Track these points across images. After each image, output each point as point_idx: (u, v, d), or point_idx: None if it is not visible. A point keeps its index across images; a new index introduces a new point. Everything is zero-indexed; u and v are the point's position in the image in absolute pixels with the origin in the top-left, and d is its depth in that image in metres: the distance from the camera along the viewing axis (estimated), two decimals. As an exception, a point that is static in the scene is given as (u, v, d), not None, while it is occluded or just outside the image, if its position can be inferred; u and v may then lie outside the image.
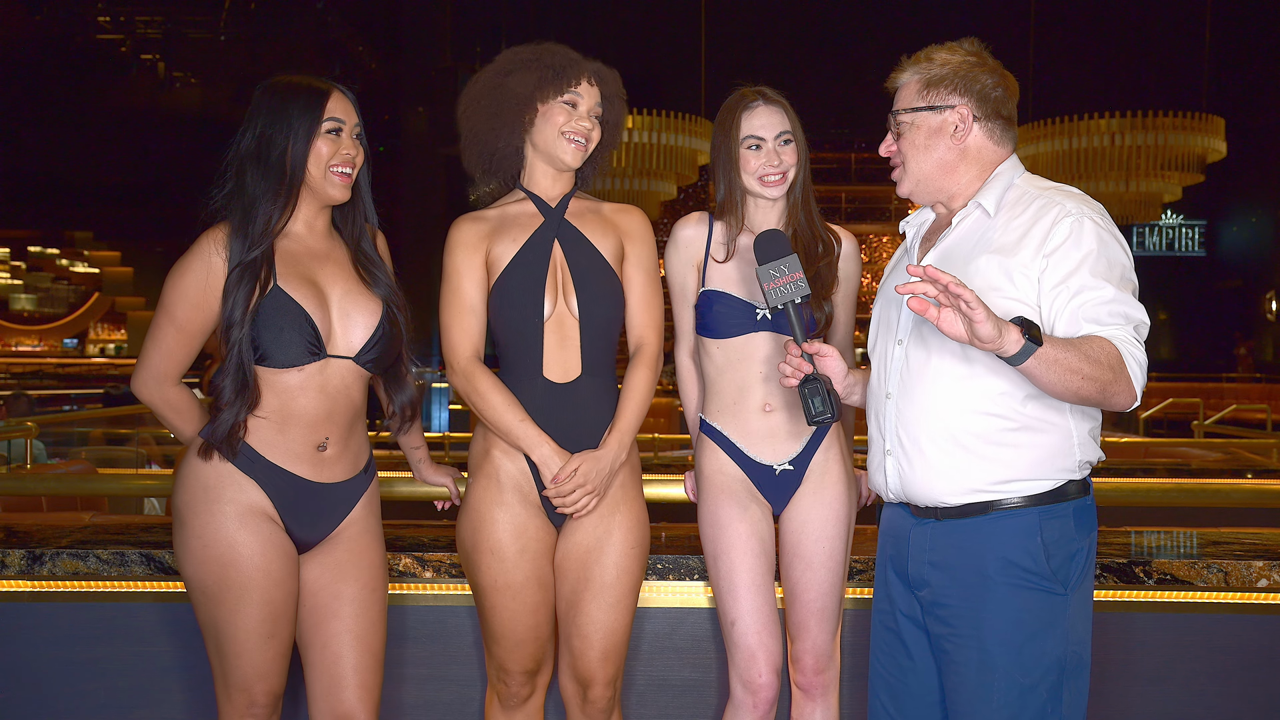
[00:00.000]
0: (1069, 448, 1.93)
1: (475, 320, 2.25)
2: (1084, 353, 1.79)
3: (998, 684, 1.90)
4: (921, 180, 2.05)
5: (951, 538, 1.96)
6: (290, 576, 2.11)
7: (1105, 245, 1.87)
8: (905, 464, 2.00)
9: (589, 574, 2.23)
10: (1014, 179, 2.02)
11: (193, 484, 2.10)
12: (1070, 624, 1.91)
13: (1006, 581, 1.90)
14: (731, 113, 2.35)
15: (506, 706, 2.33)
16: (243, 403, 2.05)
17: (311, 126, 2.09)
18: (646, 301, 2.32)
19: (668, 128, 9.97)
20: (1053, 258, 1.86)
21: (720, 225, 2.40)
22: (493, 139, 2.27)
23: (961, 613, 1.93)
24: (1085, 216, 1.89)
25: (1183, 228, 19.06)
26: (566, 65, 2.23)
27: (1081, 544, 1.93)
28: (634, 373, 2.29)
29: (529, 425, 2.20)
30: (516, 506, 2.24)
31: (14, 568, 2.54)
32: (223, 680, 2.12)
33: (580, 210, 2.32)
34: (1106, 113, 9.95)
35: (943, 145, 2.01)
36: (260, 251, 2.07)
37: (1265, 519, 3.89)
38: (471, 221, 2.29)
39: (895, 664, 2.08)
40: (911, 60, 2.06)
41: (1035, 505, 1.91)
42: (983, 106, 2.00)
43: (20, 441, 5.64)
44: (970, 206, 2.01)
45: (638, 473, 2.34)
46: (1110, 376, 1.80)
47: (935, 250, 2.04)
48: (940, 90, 2.00)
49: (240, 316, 2.04)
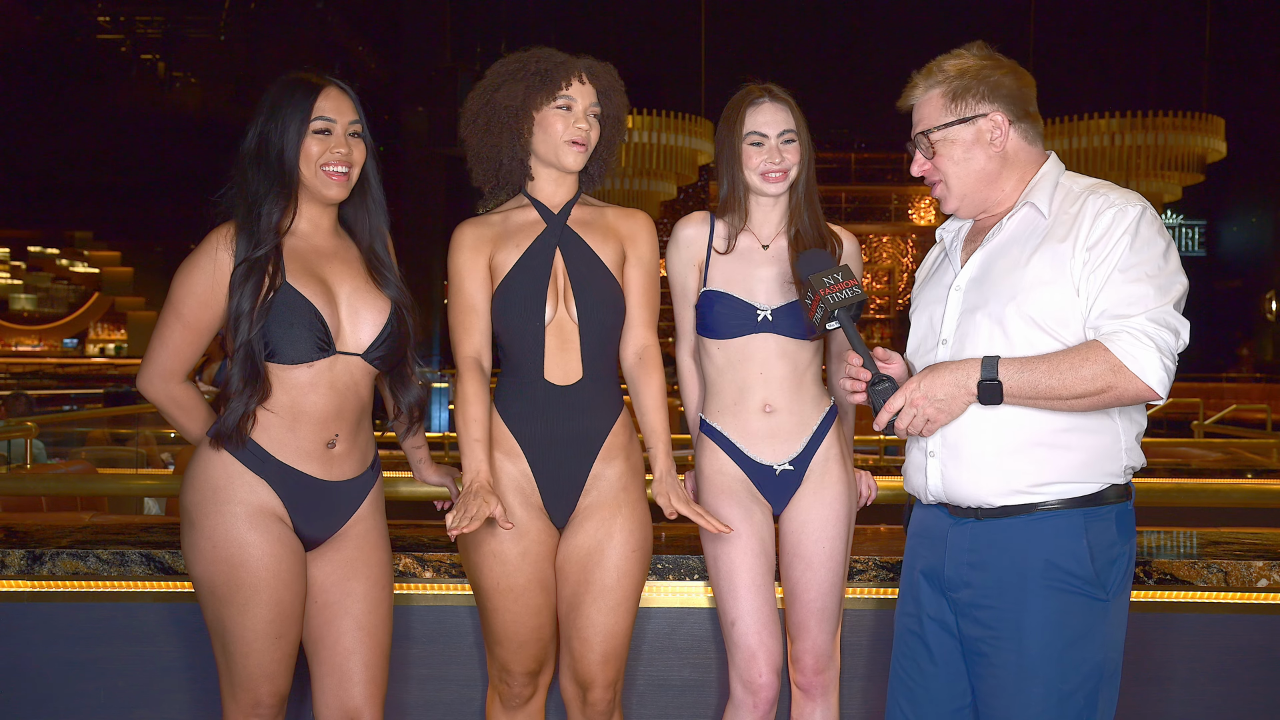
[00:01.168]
0: (1117, 451, 1.90)
1: (478, 319, 2.25)
2: (1064, 379, 1.79)
3: (1036, 689, 1.85)
4: (967, 195, 2.01)
5: (993, 537, 1.91)
6: (299, 577, 2.11)
7: (1139, 238, 1.83)
8: (951, 466, 1.95)
9: (589, 577, 2.23)
10: (1059, 178, 1.98)
11: (201, 484, 2.09)
12: (1110, 631, 1.88)
13: (1049, 584, 1.86)
14: (736, 109, 2.35)
15: (508, 707, 2.33)
16: (252, 392, 2.04)
17: (301, 125, 2.08)
18: (646, 304, 2.32)
19: (668, 128, 9.97)
20: (1094, 250, 1.84)
21: (722, 224, 2.40)
22: (494, 154, 2.27)
23: (1001, 614, 1.89)
24: (1129, 206, 1.85)
25: (1183, 228, 19.05)
26: (553, 69, 2.21)
27: (1123, 549, 1.90)
28: (648, 381, 2.29)
29: (476, 445, 2.17)
30: (517, 509, 2.24)
31: (14, 568, 2.54)
32: (229, 680, 2.11)
33: (583, 216, 2.32)
34: (1106, 113, 9.95)
35: (982, 155, 1.97)
36: (267, 249, 2.06)
37: (1265, 519, 3.88)
38: (475, 226, 2.30)
39: (917, 668, 2.04)
40: (923, 74, 2.00)
41: (1084, 507, 1.87)
42: (1013, 108, 1.96)
43: (20, 441, 5.64)
44: (1019, 206, 1.97)
45: (640, 475, 2.33)
46: (1101, 386, 1.78)
47: (981, 250, 2.00)
48: (968, 100, 1.95)
49: (249, 308, 2.03)
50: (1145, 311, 1.79)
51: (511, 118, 2.22)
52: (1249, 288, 18.19)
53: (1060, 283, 1.86)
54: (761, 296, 2.34)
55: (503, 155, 2.26)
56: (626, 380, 2.35)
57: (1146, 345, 1.77)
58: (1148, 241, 1.83)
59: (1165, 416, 9.97)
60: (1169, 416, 10.14)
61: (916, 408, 1.88)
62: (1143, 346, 1.77)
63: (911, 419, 1.88)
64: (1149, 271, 1.81)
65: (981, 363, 1.85)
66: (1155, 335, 1.78)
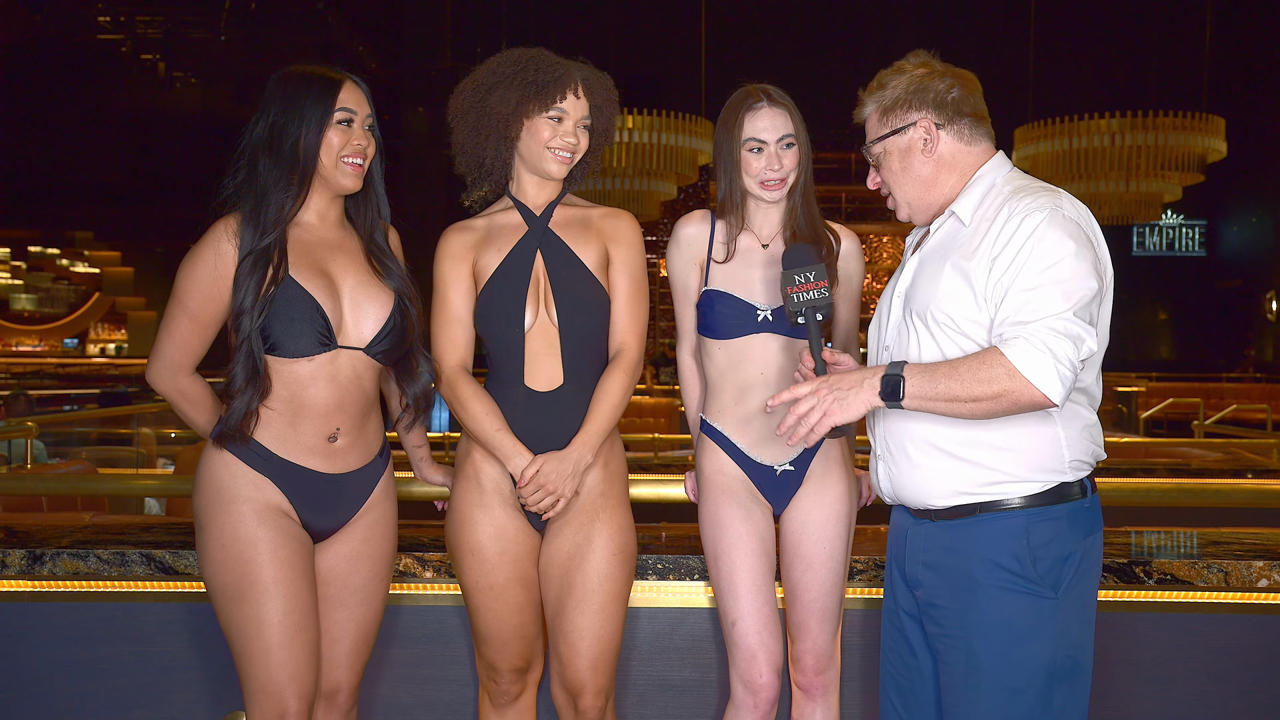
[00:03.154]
0: (1057, 449, 1.92)
1: (461, 330, 2.26)
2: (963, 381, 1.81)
3: (985, 686, 1.90)
4: (912, 202, 2.06)
5: (942, 538, 1.96)
6: (311, 571, 2.11)
7: (1045, 242, 1.83)
8: (894, 468, 2.02)
9: (571, 581, 2.22)
10: (996, 179, 2.00)
11: (207, 487, 2.10)
12: (1061, 628, 1.89)
13: (992, 583, 1.90)
14: (735, 112, 2.33)
15: (497, 705, 2.34)
16: (254, 390, 2.05)
17: (324, 116, 2.09)
18: (630, 307, 2.29)
19: (668, 128, 9.96)
20: (998, 260, 1.86)
21: (721, 224, 2.40)
22: (479, 152, 2.27)
23: (950, 613, 1.94)
24: (1037, 210, 1.86)
25: (1183, 228, 19.05)
26: (551, 81, 2.20)
27: (1074, 547, 1.91)
28: (609, 377, 2.26)
29: (505, 434, 2.20)
30: (497, 509, 2.24)
31: (14, 568, 2.54)
32: (251, 691, 2.05)
33: (566, 218, 2.31)
34: (1106, 113, 9.95)
35: (917, 162, 2.02)
36: (272, 239, 2.07)
37: (1265, 519, 3.88)
38: (459, 232, 2.29)
39: (902, 662, 2.09)
40: (867, 91, 2.07)
41: (1029, 507, 1.91)
42: (942, 112, 2.00)
43: (20, 441, 5.64)
44: (946, 214, 2.01)
45: (622, 479, 2.32)
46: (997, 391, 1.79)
47: (914, 259, 2.06)
48: (897, 112, 2.01)
49: (251, 304, 2.04)
50: (1044, 318, 1.80)
51: (502, 123, 2.22)
52: (1249, 288, 18.20)
53: (968, 293, 1.89)
54: (762, 296, 2.33)
55: (487, 154, 2.27)
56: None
57: (1042, 353, 1.78)
58: (1054, 245, 1.83)
59: (1165, 416, 9.99)
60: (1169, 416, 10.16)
61: (818, 397, 1.91)
62: (1038, 353, 1.78)
63: (809, 409, 1.91)
64: (1052, 277, 1.81)
65: (889, 363, 1.91)
66: (1052, 343, 1.78)
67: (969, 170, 2.02)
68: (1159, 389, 12.91)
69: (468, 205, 2.37)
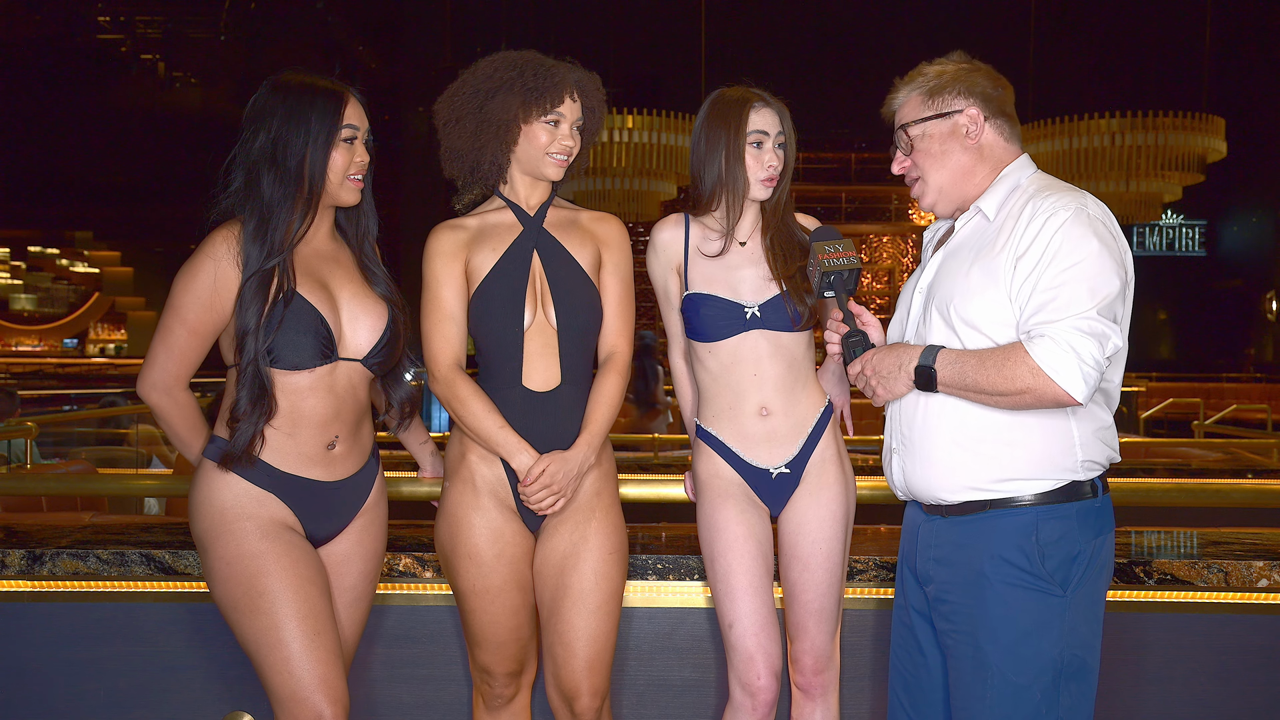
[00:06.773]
0: (1068, 447, 1.93)
1: (455, 328, 2.25)
2: (989, 376, 1.85)
3: (992, 682, 1.90)
4: (943, 189, 2.06)
5: (953, 534, 1.97)
6: (320, 577, 2.08)
7: (1069, 240, 1.85)
8: (909, 461, 2.03)
9: (567, 581, 2.21)
10: (1021, 179, 2.02)
11: (208, 510, 2.06)
12: (1069, 626, 1.90)
13: (1001, 579, 1.91)
14: (737, 109, 2.34)
15: (491, 708, 2.33)
16: (261, 412, 2.02)
17: (330, 134, 2.05)
18: (620, 311, 2.31)
19: (668, 128, 9.97)
20: (1024, 259, 1.87)
21: (698, 225, 2.40)
22: (476, 157, 2.27)
23: (960, 609, 1.95)
24: (1061, 210, 1.87)
25: (1183, 228, 19.05)
26: (549, 87, 2.21)
27: (1083, 546, 1.92)
28: (605, 379, 2.28)
29: (508, 432, 2.20)
30: (492, 511, 2.23)
31: (14, 568, 2.54)
32: (280, 697, 1.99)
33: (559, 220, 2.31)
34: (1106, 113, 9.96)
35: (958, 149, 2.02)
36: (280, 260, 2.03)
37: (1265, 519, 3.89)
38: (450, 230, 2.28)
39: (910, 659, 2.10)
40: (905, 80, 2.08)
41: (1039, 504, 1.92)
42: (989, 105, 2.02)
43: (20, 441, 5.64)
44: (972, 210, 2.02)
45: (613, 480, 2.32)
46: (1021, 387, 1.82)
47: (940, 254, 2.06)
48: (945, 96, 2.02)
49: (255, 325, 2.00)
50: (1069, 317, 1.81)
51: (502, 128, 2.22)
52: (1249, 288, 18.21)
53: (994, 290, 1.91)
54: (747, 294, 2.33)
55: (484, 159, 2.26)
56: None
57: (1066, 352, 1.79)
58: (1077, 243, 1.84)
59: (1165, 416, 9.98)
60: (1169, 416, 10.16)
61: (866, 376, 2.02)
62: (1062, 353, 1.80)
63: (865, 383, 2.03)
64: (1077, 275, 1.83)
65: (924, 349, 1.95)
66: (1076, 342, 1.80)
67: (999, 167, 2.03)
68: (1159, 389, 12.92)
69: (457, 208, 2.36)
